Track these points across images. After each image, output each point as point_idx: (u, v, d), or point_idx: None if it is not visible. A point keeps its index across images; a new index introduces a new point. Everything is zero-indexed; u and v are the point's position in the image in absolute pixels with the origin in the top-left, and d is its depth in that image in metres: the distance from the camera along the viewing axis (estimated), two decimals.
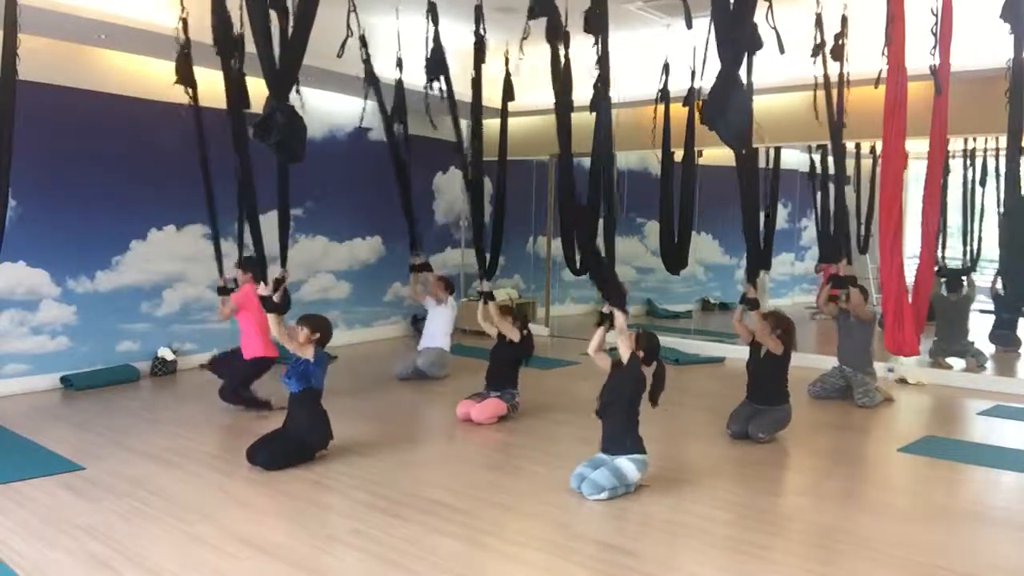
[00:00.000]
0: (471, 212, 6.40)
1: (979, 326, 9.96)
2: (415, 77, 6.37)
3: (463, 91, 6.22)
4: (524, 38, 5.09)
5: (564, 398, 7.07)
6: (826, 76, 6.16)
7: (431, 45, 6.06)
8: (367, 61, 6.25)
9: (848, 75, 6.22)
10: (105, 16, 6.11)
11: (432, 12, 5.97)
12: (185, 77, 5.78)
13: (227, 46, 4.87)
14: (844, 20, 6.13)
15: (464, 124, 6.56)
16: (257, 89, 4.45)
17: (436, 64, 6.09)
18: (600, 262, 4.75)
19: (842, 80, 6.24)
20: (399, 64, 6.39)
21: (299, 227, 8.86)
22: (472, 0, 5.77)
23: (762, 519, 4.21)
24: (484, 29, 5.87)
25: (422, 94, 6.16)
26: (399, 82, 6.49)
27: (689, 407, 6.33)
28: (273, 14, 4.11)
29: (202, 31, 5.20)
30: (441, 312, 7.68)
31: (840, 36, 6.17)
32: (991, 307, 8.98)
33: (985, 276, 9.27)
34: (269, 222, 4.66)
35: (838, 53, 6.17)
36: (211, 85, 5.52)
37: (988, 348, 8.74)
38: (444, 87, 6.16)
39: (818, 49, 6.10)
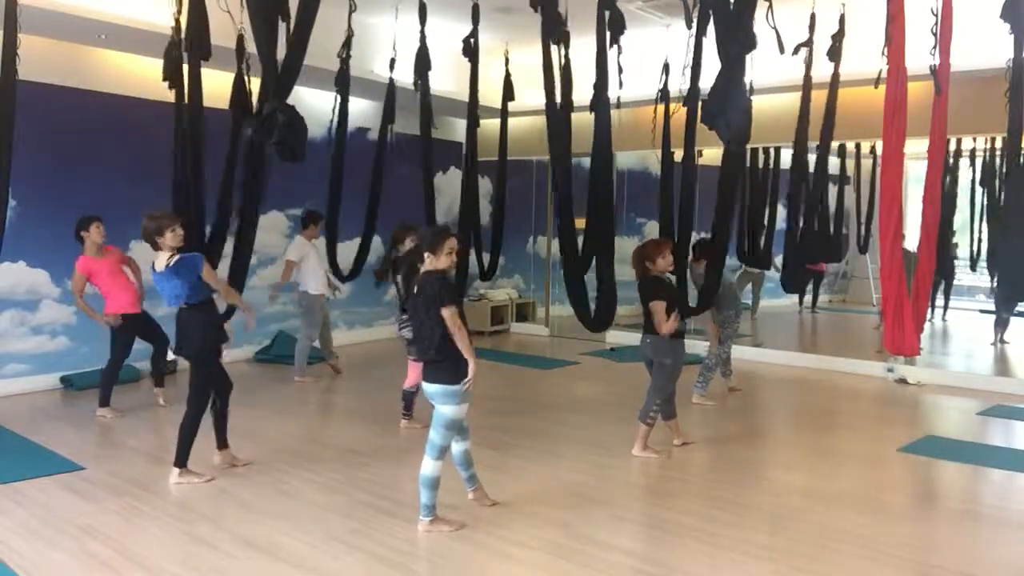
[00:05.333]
0: (461, 211, 6.39)
1: (980, 327, 9.98)
2: (407, 76, 6.46)
3: (462, 91, 6.24)
4: None
5: (563, 398, 7.07)
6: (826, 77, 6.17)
7: (418, 45, 6.14)
8: (344, 60, 6.31)
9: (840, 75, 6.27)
10: (105, 16, 6.11)
11: (421, 12, 6.00)
12: (173, 77, 5.67)
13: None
14: (842, 19, 6.14)
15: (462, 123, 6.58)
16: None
17: (422, 63, 6.15)
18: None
19: (809, 81, 6.35)
20: (391, 64, 6.45)
21: (299, 226, 8.83)
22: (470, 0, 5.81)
23: (762, 519, 4.21)
24: (476, 31, 5.94)
25: (419, 94, 6.20)
26: (391, 82, 6.54)
27: (684, 407, 6.32)
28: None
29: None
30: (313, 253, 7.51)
31: (838, 36, 6.17)
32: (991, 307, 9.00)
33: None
34: (268, 222, 4.65)
35: (835, 53, 6.17)
36: (212, 85, 5.51)
37: None
38: (422, 84, 6.26)
39: (799, 48, 6.13)
